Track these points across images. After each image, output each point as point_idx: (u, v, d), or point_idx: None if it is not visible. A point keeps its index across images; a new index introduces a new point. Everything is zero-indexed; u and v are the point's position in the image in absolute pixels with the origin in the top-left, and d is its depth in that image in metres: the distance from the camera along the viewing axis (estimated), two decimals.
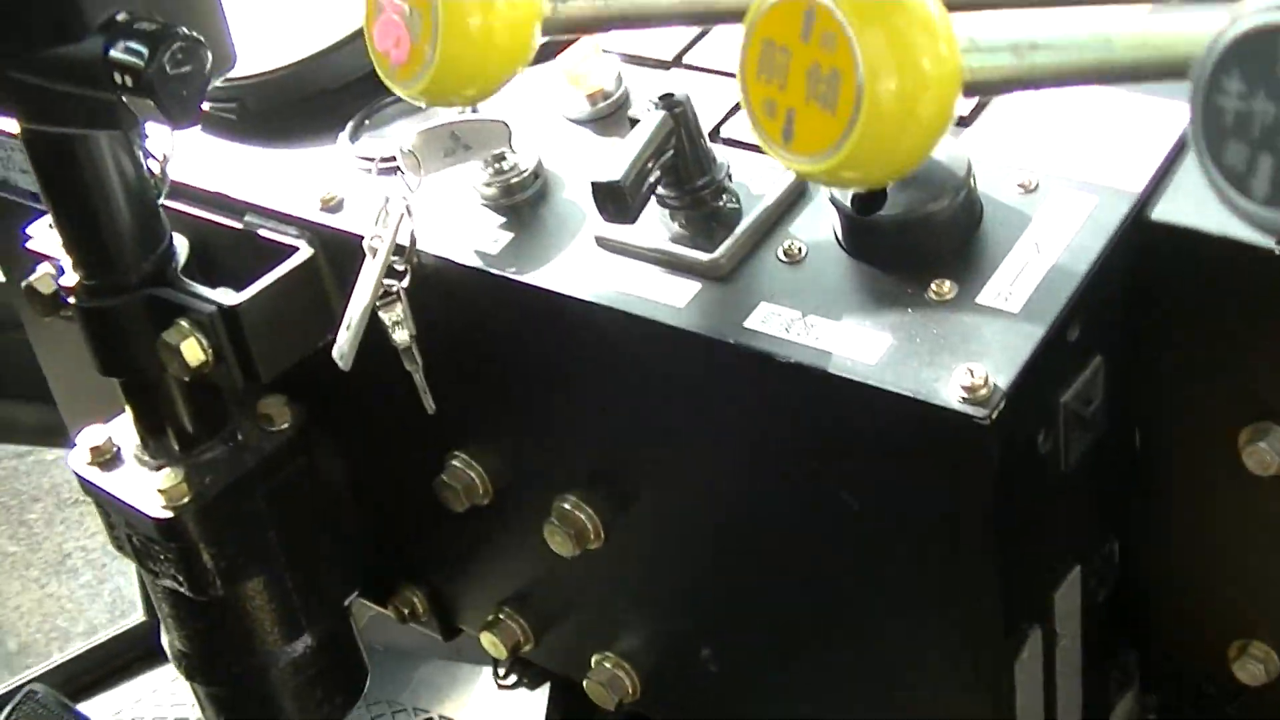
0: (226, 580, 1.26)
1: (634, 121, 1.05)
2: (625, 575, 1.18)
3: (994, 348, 0.91)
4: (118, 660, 1.99)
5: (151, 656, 1.98)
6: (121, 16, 0.99)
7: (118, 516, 1.27)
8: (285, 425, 1.26)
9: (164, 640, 1.37)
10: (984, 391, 0.89)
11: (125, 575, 3.12)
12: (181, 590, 1.26)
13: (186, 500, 1.21)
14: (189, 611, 1.31)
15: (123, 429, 1.27)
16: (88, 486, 1.27)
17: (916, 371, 0.91)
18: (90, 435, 1.27)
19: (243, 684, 1.35)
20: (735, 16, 0.84)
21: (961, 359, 0.91)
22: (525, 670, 1.42)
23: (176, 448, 1.24)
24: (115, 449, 1.27)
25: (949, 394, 0.89)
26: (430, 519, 1.25)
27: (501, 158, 1.13)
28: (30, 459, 3.34)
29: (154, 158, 1.18)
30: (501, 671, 1.43)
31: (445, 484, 1.20)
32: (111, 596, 3.09)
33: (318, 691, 1.37)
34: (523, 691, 1.80)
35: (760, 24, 0.80)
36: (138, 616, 2.07)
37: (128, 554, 1.30)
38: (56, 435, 1.77)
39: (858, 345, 0.94)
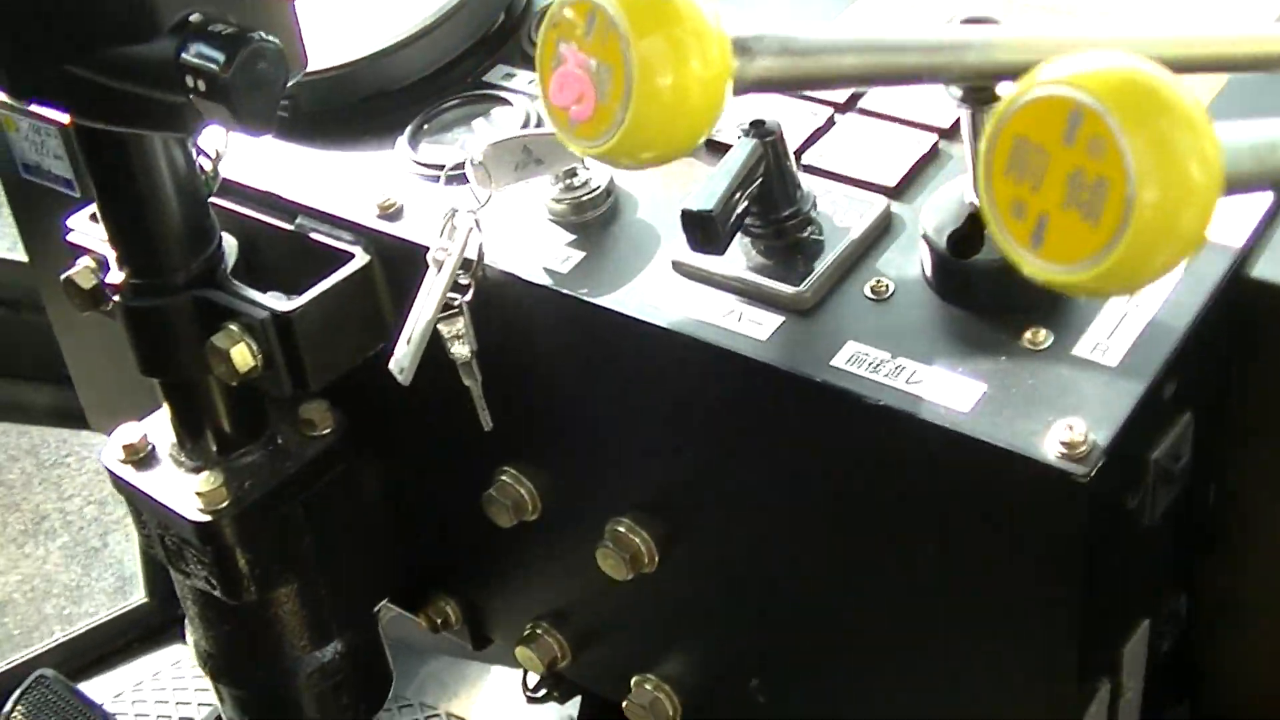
0: (260, 585, 1.23)
1: (709, 142, 1.02)
2: (676, 600, 1.15)
3: (1092, 403, 0.90)
4: (118, 641, 1.97)
5: (151, 639, 1.96)
6: (195, 18, 0.96)
7: (151, 516, 1.24)
8: (327, 431, 1.23)
9: (189, 638, 1.35)
10: (1083, 449, 0.87)
11: (103, 539, 3.10)
12: (213, 593, 1.24)
13: (225, 505, 1.18)
14: (219, 614, 1.28)
15: (158, 428, 1.24)
16: (120, 484, 1.24)
17: (1011, 423, 0.90)
18: (125, 433, 1.24)
19: (268, 688, 1.33)
20: (925, 78, 0.81)
21: (1058, 413, 0.89)
22: (557, 684, 1.40)
23: (215, 450, 1.21)
24: (150, 447, 1.24)
25: (1046, 449, 0.88)
26: (471, 531, 1.23)
27: (573, 173, 1.11)
28: None
29: (205, 155, 1.15)
30: (531, 684, 1.41)
31: (493, 499, 1.18)
32: (88, 559, 3.06)
33: (343, 698, 1.35)
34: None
35: (1014, 120, 0.74)
36: (139, 597, 2.04)
37: (157, 553, 1.27)
38: (70, 418, 1.74)
39: (950, 391, 0.92)
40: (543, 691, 1.42)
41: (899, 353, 0.95)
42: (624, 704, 1.21)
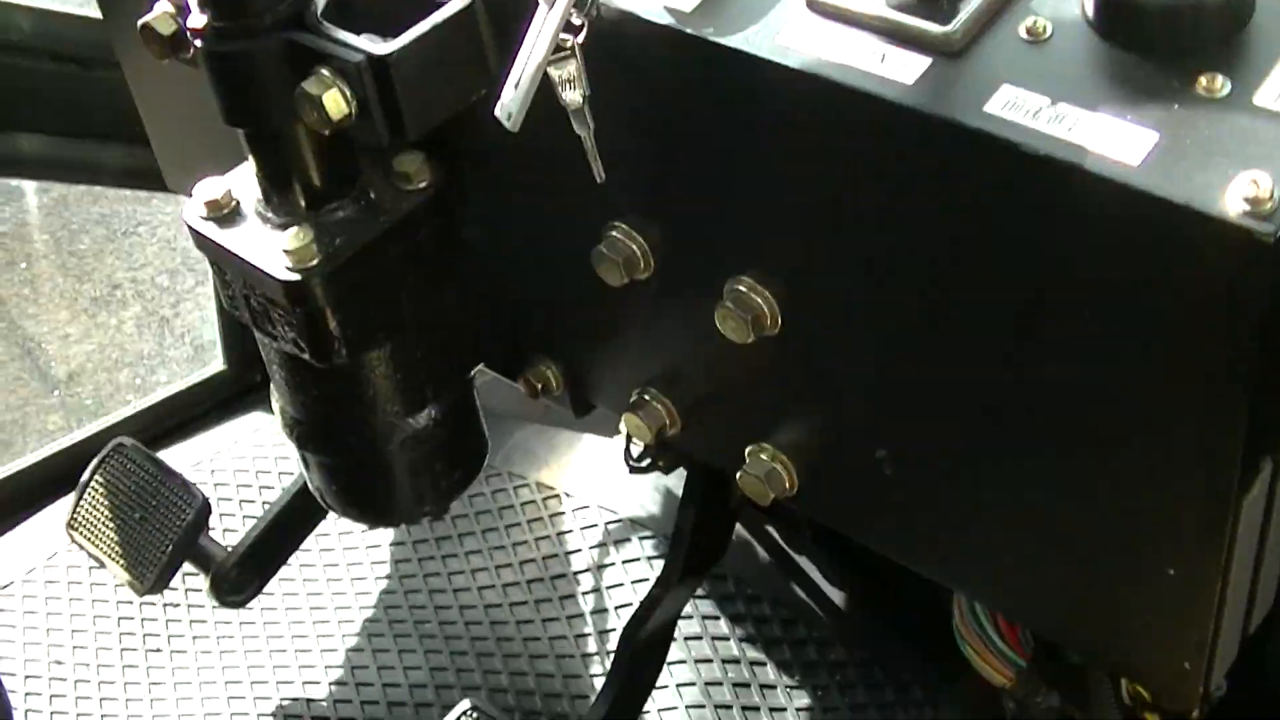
0: (351, 348, 1.18)
1: None
2: (799, 365, 1.08)
3: (1277, 156, 0.81)
4: (195, 409, 1.93)
5: (229, 407, 1.92)
6: None
7: (235, 275, 1.18)
8: (423, 185, 1.16)
9: (274, 404, 1.30)
10: (1269, 205, 0.79)
11: (174, 309, 3.06)
12: (301, 356, 1.18)
13: (315, 262, 1.12)
14: (307, 378, 1.23)
15: (243, 182, 1.18)
16: (203, 242, 1.18)
17: (1188, 176, 0.81)
18: (207, 187, 1.17)
19: (358, 455, 1.28)
20: None
21: (1240, 165, 0.81)
22: (662, 453, 1.34)
23: (303, 205, 1.15)
24: (234, 203, 1.17)
25: (1228, 205, 0.79)
26: (577, 291, 1.16)
27: None
28: (79, 188, 3.25)
29: None
30: (635, 453, 1.35)
31: (604, 256, 1.10)
32: (160, 328, 3.03)
33: (437, 465, 1.30)
34: (618, 459, 1.74)
35: None
36: (216, 365, 1.99)
37: (242, 315, 1.21)
38: (144, 178, 1.68)
39: (1117, 141, 0.84)
40: (646, 461, 1.36)
41: (1059, 98, 0.87)
42: (738, 475, 1.15)
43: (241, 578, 1.55)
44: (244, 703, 1.61)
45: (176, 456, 1.80)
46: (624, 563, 1.67)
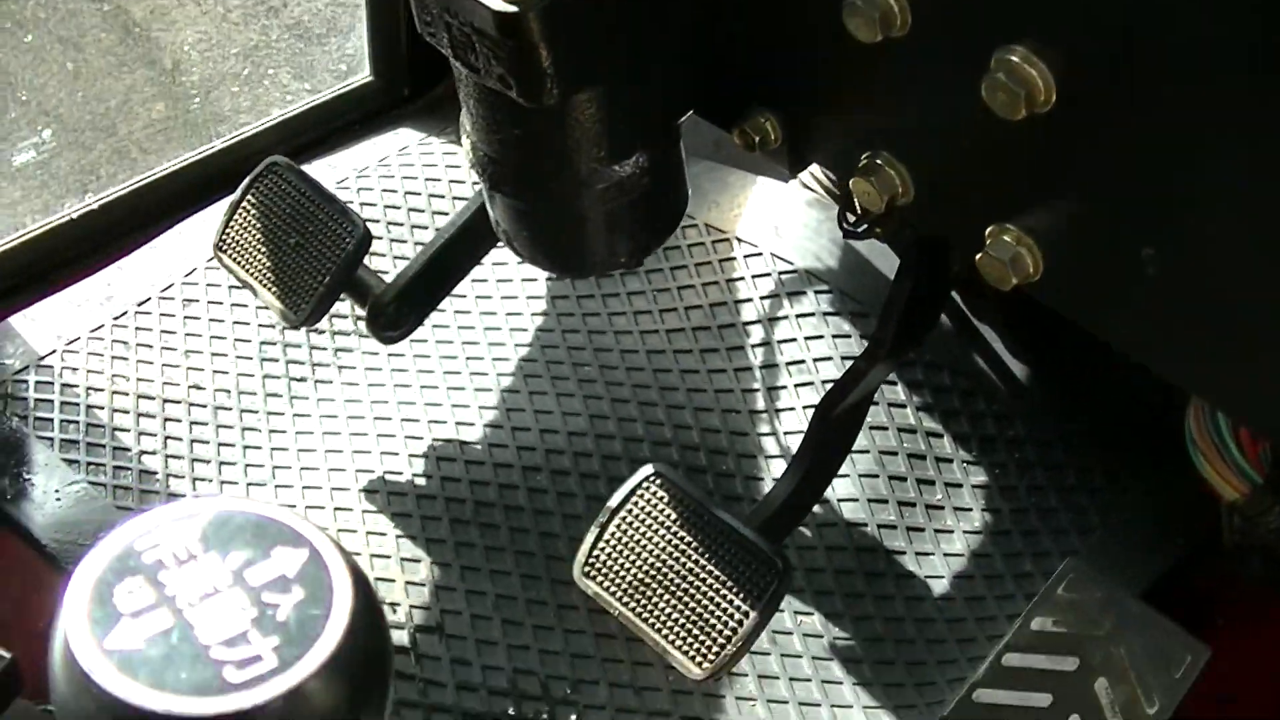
0: (564, 87, 1.08)
1: None
2: (1071, 147, 0.98)
3: None
4: (339, 120, 1.82)
5: (375, 121, 1.82)
6: None
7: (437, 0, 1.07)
8: None
9: (465, 141, 1.21)
10: None
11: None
12: (507, 94, 1.08)
13: None
14: (510, 117, 1.14)
15: None
16: None
17: None
18: None
19: (557, 202, 1.19)
20: None
21: None
22: (882, 221, 1.24)
23: None
24: None
25: None
26: (818, 43, 1.07)
27: None
28: None
29: None
30: (851, 219, 1.25)
31: (857, 8, 1.00)
32: (268, 18, 2.91)
33: (637, 217, 1.21)
34: (795, 204, 1.64)
35: None
36: (363, 75, 1.87)
37: (439, 40, 1.11)
38: None
39: None
40: (863, 228, 1.27)
41: None
42: (978, 257, 1.06)
43: (400, 312, 1.46)
44: (394, 441, 1.53)
45: (319, 172, 1.69)
46: (797, 317, 1.58)
